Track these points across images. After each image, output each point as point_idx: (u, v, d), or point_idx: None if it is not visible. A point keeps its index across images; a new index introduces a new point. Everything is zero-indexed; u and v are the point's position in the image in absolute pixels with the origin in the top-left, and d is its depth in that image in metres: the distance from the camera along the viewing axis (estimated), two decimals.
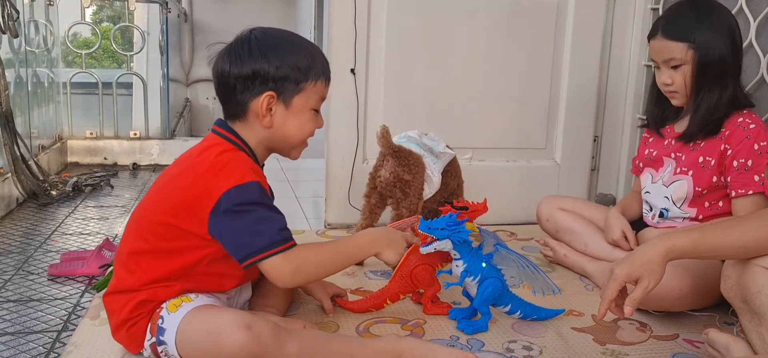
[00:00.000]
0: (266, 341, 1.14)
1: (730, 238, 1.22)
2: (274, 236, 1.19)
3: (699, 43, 1.60)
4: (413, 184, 1.84)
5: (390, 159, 1.83)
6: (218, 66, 1.26)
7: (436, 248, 1.45)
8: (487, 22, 2.35)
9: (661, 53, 1.66)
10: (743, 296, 1.24)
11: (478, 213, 1.56)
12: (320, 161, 2.46)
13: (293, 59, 1.24)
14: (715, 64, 1.60)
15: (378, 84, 2.31)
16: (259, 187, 1.20)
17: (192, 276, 1.24)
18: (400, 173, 1.82)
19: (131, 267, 1.25)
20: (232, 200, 1.17)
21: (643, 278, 1.22)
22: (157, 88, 3.71)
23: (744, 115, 1.62)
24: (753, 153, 1.58)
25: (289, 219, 1.28)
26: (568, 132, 2.49)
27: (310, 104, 1.29)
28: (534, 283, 1.47)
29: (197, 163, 1.23)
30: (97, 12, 4.08)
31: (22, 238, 2.15)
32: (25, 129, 2.79)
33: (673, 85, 1.66)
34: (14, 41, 2.70)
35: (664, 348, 1.44)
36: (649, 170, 1.81)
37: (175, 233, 1.22)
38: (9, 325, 1.49)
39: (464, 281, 1.47)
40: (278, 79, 1.24)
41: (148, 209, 1.27)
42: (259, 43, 1.24)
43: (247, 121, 1.26)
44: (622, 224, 1.78)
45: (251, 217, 1.18)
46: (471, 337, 1.45)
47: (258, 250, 1.19)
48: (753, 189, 1.57)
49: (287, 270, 1.20)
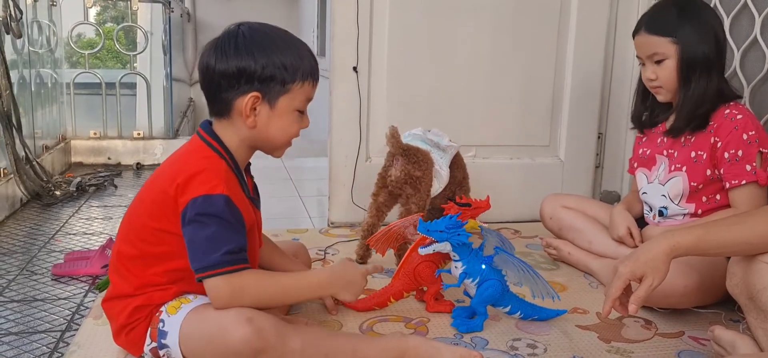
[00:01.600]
0: (269, 334, 1.13)
1: (734, 235, 1.22)
2: (219, 257, 1.15)
3: (681, 36, 1.62)
4: (423, 180, 1.85)
5: (400, 158, 1.84)
6: (204, 60, 1.22)
7: (435, 249, 1.44)
8: (490, 19, 2.34)
9: (644, 48, 1.68)
10: (749, 293, 1.23)
11: (480, 210, 1.56)
12: (324, 160, 2.46)
13: (280, 59, 1.21)
14: (699, 58, 1.62)
15: (381, 82, 2.30)
16: (226, 201, 1.16)
17: (187, 278, 1.22)
18: (411, 171, 1.83)
19: (123, 272, 1.25)
20: (196, 208, 1.15)
21: (648, 275, 1.21)
22: (161, 88, 3.71)
23: (730, 107, 1.63)
24: (743, 143, 1.58)
25: (292, 218, 1.27)
26: (572, 129, 2.48)
27: (295, 105, 1.25)
28: (534, 287, 1.45)
29: (178, 167, 1.22)
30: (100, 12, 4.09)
31: (26, 238, 2.15)
32: (29, 130, 2.80)
33: (657, 80, 1.68)
34: (17, 42, 2.70)
35: (669, 346, 1.43)
36: (642, 170, 1.82)
37: (158, 236, 1.21)
38: (13, 325, 1.50)
39: (463, 282, 1.47)
40: (264, 79, 1.20)
41: (134, 213, 1.27)
42: (247, 40, 1.20)
43: (231, 119, 1.24)
44: (628, 220, 1.78)
45: (207, 231, 1.15)
46: (475, 335, 1.45)
47: (203, 267, 1.15)
48: (746, 179, 1.58)
49: (224, 293, 1.15)
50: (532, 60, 2.41)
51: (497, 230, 1.52)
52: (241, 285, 1.18)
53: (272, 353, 1.14)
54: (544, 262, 1.98)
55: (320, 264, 1.90)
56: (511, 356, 1.36)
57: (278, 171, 3.39)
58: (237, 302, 1.16)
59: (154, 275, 1.23)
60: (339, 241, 2.14)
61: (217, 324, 1.14)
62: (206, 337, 1.15)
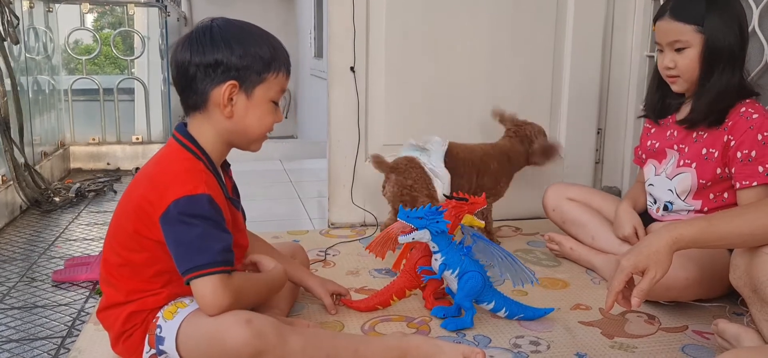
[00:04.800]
0: (268, 335, 1.12)
1: (737, 226, 1.21)
2: (215, 255, 1.14)
3: (708, 26, 1.56)
4: (416, 185, 1.89)
5: (391, 175, 1.93)
6: (178, 55, 1.22)
7: (414, 237, 1.43)
8: (487, 18, 2.34)
9: (666, 34, 1.62)
10: (752, 286, 1.22)
11: (477, 206, 1.55)
12: (323, 161, 2.45)
13: (256, 49, 1.21)
14: (724, 50, 1.56)
15: (379, 82, 2.30)
16: (209, 201, 1.15)
17: (175, 281, 1.21)
18: (402, 182, 1.90)
19: (112, 281, 1.24)
20: (180, 208, 1.14)
21: (650, 268, 1.20)
22: (159, 92, 3.71)
23: (747, 105, 1.58)
24: (757, 144, 1.54)
25: (292, 220, 1.27)
26: (571, 125, 2.48)
27: (270, 96, 1.25)
28: (514, 275, 1.45)
29: (156, 171, 1.22)
30: (97, 18, 4.08)
31: (26, 245, 2.14)
32: (27, 136, 2.79)
33: (675, 69, 1.63)
34: (14, 49, 2.70)
35: (673, 340, 1.42)
36: (652, 161, 1.79)
37: (140, 242, 1.20)
38: (14, 332, 1.49)
39: (443, 274, 1.46)
40: (241, 69, 1.20)
41: (116, 222, 1.26)
42: (222, 31, 1.21)
43: (207, 111, 1.23)
44: (634, 219, 1.75)
45: (196, 231, 1.14)
46: (477, 333, 1.44)
47: (196, 266, 1.14)
48: (758, 181, 1.54)
49: (223, 296, 1.13)
50: (529, 57, 2.40)
51: (497, 227, 1.51)
52: (239, 287, 1.18)
53: (272, 354, 1.13)
54: (546, 259, 1.97)
55: (321, 265, 1.90)
56: (515, 354, 1.35)
57: (278, 174, 3.39)
58: (237, 306, 1.15)
59: (143, 282, 1.22)
60: (339, 242, 2.13)
61: (216, 327, 1.13)
62: (205, 340, 1.14)
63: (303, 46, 6.51)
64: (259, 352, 1.12)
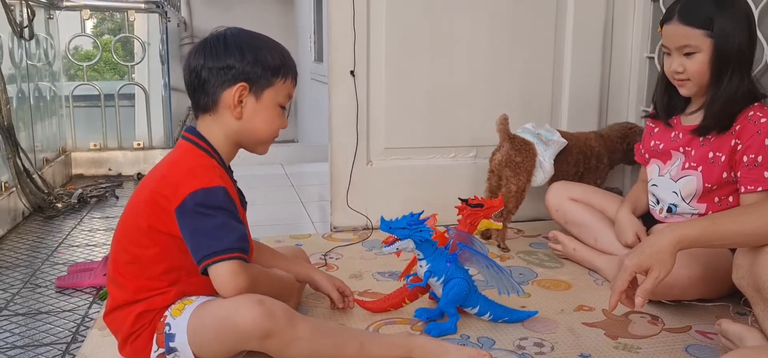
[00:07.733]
0: (279, 317, 1.14)
1: (740, 226, 1.21)
2: (233, 242, 1.17)
3: (718, 31, 1.53)
4: (523, 165, 2.05)
5: (505, 144, 2.06)
6: (191, 60, 1.27)
7: (398, 247, 1.42)
8: (487, 20, 2.34)
9: (675, 39, 1.59)
10: (756, 285, 1.22)
11: (493, 209, 1.55)
12: (324, 165, 2.46)
13: (266, 56, 1.27)
14: (733, 53, 1.54)
15: (379, 85, 2.30)
16: (225, 193, 1.19)
17: (184, 279, 1.24)
18: (513, 155, 2.04)
19: (120, 281, 1.25)
20: (197, 200, 1.17)
21: (654, 268, 1.21)
22: (159, 98, 3.71)
23: (755, 109, 1.56)
24: (764, 148, 1.52)
25: (294, 224, 1.28)
26: (571, 127, 2.47)
27: (278, 100, 1.30)
28: (499, 283, 1.45)
29: (169, 168, 1.25)
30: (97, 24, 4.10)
31: (29, 251, 2.15)
32: (29, 143, 2.79)
33: (684, 74, 1.60)
34: (15, 56, 2.70)
35: (676, 340, 1.43)
36: (655, 161, 1.78)
37: (151, 236, 1.21)
38: (18, 338, 1.49)
39: (428, 281, 1.46)
40: (251, 72, 1.26)
41: (125, 221, 1.27)
42: (235, 39, 1.26)
43: (217, 113, 1.27)
44: (636, 226, 1.74)
45: (214, 221, 1.17)
46: (482, 334, 1.44)
47: (214, 252, 1.16)
48: (763, 186, 1.52)
49: (243, 279, 1.16)
50: (530, 59, 2.40)
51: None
52: (257, 274, 1.22)
53: (281, 337, 1.15)
54: (549, 260, 1.98)
55: (323, 269, 1.90)
56: (519, 356, 1.36)
57: (280, 178, 3.39)
58: (251, 292, 1.17)
59: (151, 279, 1.23)
60: (342, 245, 2.13)
61: (228, 308, 1.15)
62: (216, 324, 1.16)
63: (303, 50, 6.51)
64: (269, 333, 1.13)
